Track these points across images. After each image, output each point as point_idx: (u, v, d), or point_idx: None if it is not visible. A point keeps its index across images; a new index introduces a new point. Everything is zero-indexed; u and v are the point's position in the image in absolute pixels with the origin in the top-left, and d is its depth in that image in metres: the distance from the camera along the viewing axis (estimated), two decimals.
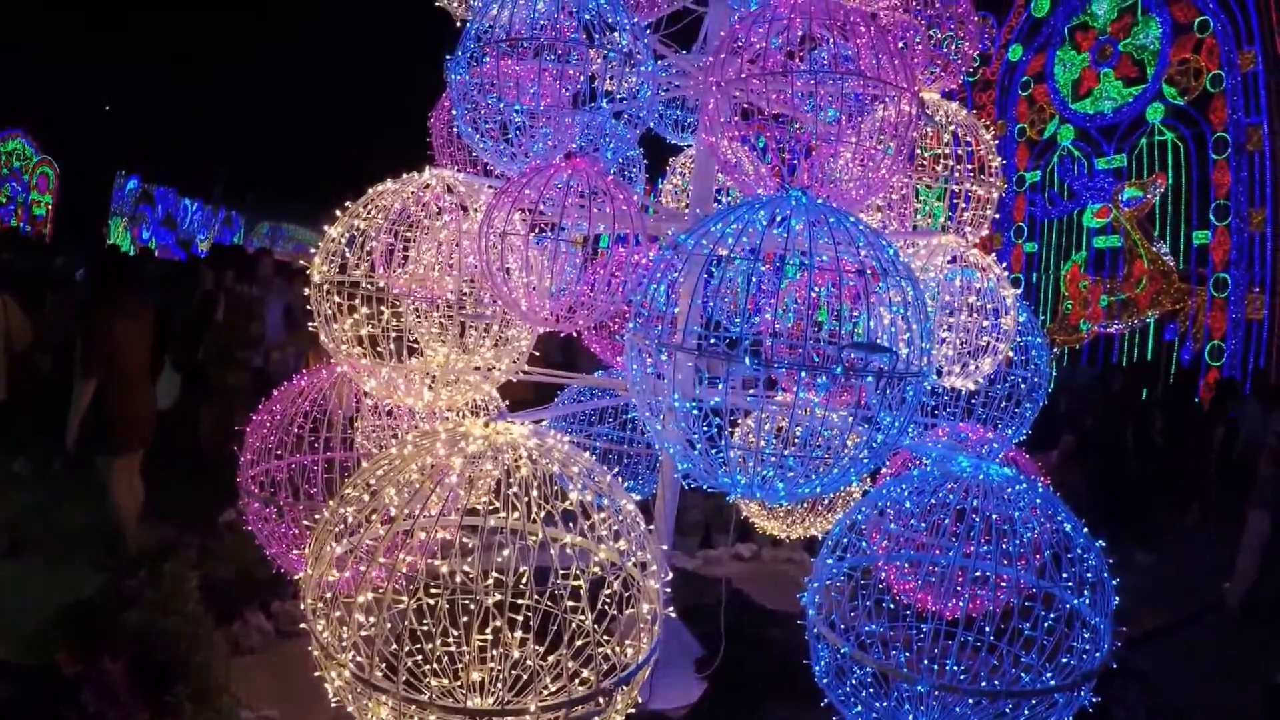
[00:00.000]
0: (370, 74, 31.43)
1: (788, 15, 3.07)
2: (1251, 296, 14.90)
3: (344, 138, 32.57)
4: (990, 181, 4.15)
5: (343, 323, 3.79)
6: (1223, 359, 15.03)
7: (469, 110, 3.35)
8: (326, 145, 33.19)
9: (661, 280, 2.71)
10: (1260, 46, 15.07)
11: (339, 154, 31.09)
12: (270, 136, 34.11)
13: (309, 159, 33.72)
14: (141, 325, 6.86)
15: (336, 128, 33.27)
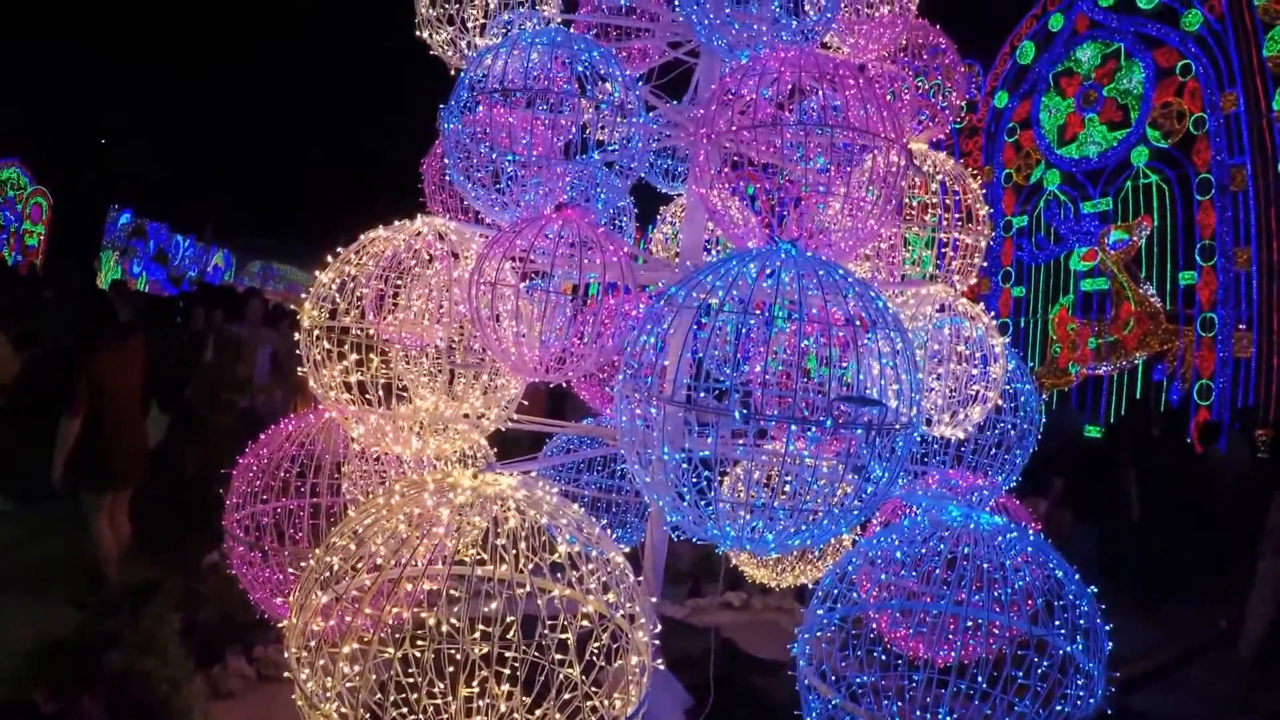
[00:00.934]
0: (365, 117, 31.75)
1: (777, 68, 3.10)
2: (1239, 335, 15.01)
3: (338, 179, 32.81)
4: (978, 230, 4.19)
5: (331, 369, 3.78)
6: (1211, 398, 15.10)
7: (461, 159, 3.36)
8: (320, 186, 33.42)
9: (651, 332, 2.71)
10: (1241, 88, 15.35)
11: (332, 195, 31.31)
12: (264, 175, 34.33)
13: (303, 199, 33.94)
14: (131, 359, 6.82)
15: (331, 169, 33.53)
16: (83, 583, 6.57)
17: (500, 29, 3.82)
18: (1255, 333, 14.74)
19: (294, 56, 32.06)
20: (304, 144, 33.14)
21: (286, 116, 32.37)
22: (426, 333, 3.57)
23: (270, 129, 32.98)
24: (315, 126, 32.93)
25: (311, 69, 32.36)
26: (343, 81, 32.81)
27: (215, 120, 32.84)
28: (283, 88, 31.95)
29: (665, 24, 4.17)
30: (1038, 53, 19.23)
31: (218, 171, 34.14)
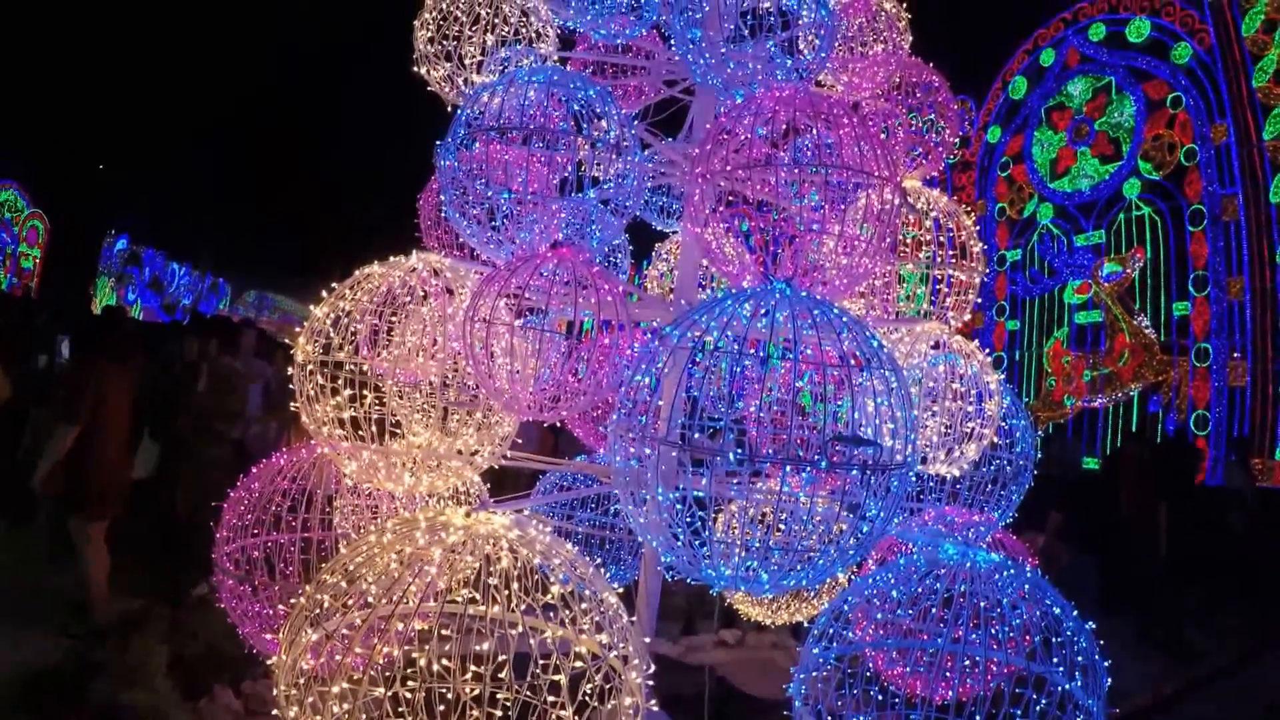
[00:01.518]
0: (363, 150, 31.94)
1: (772, 107, 3.12)
2: (1233, 364, 15.06)
3: (335, 210, 32.95)
4: (972, 266, 4.20)
5: (324, 404, 3.76)
6: (1208, 428, 15.11)
7: (457, 195, 3.37)
8: (318, 217, 33.56)
9: (646, 371, 2.70)
10: (1232, 119, 15.53)
11: (330, 226, 31.45)
12: (262, 205, 34.47)
13: (300, 229, 34.06)
14: (125, 385, 6.80)
15: (328, 200, 33.69)
16: (70, 611, 6.49)
17: (497, 66, 3.85)
18: (1250, 362, 14.79)
19: (294, 88, 32.31)
20: (302, 175, 33.33)
21: (285, 148, 32.56)
22: (420, 369, 3.56)
23: (269, 160, 33.17)
24: (313, 158, 33.14)
25: (312, 101, 32.61)
26: (342, 114, 33.05)
27: (214, 149, 33.02)
28: (282, 118, 32.18)
29: (661, 62, 4.21)
30: (1029, 88, 19.45)
31: (215, 200, 34.27)
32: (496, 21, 3.89)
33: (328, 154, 33.03)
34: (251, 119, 32.23)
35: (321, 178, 33.14)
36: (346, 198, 32.73)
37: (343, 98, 32.08)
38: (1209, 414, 15.18)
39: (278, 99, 32.16)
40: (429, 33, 3.99)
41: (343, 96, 31.81)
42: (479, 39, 3.90)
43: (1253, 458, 13.63)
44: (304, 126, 32.58)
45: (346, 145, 32.88)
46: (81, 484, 6.34)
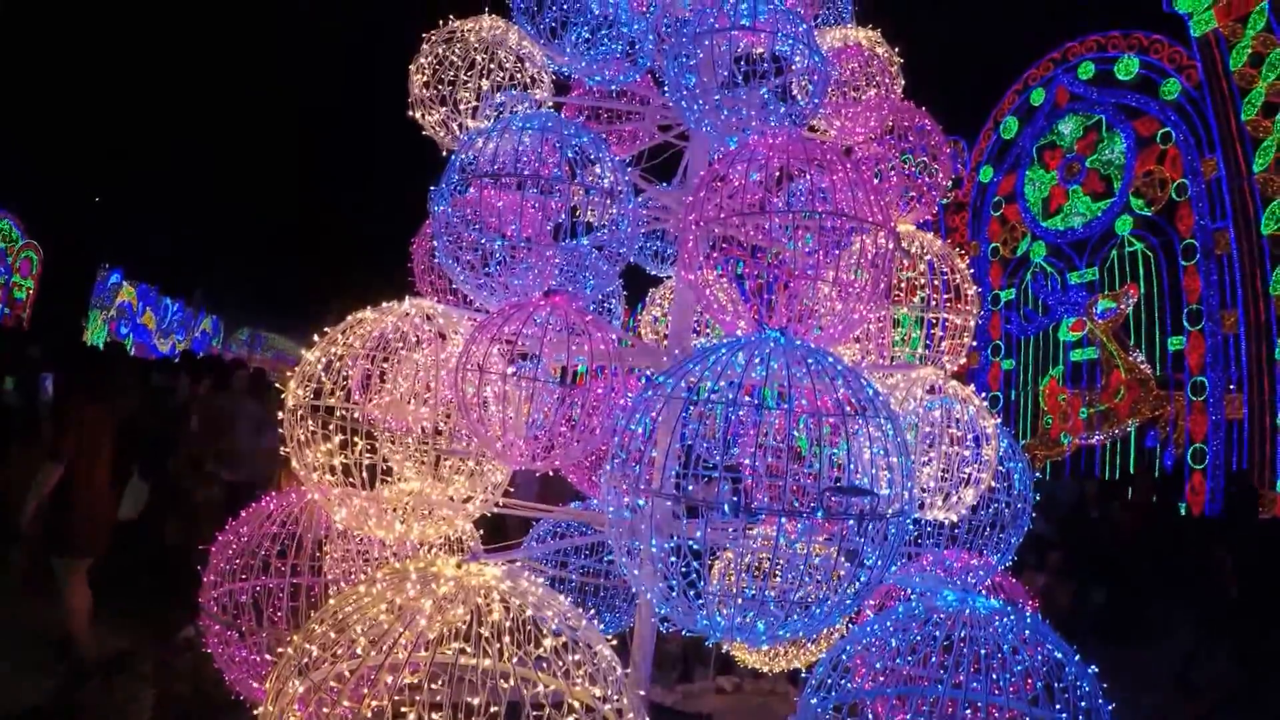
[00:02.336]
0: (359, 192, 32.20)
1: (766, 154, 3.13)
2: (1230, 397, 15.07)
3: (329, 251, 33.13)
4: (967, 310, 4.19)
5: (315, 450, 3.72)
6: (1205, 462, 15.09)
7: (450, 241, 3.36)
8: (313, 257, 33.73)
9: (640, 421, 2.67)
10: (1221, 153, 15.69)
11: (323, 267, 31.60)
12: (257, 244, 34.63)
13: (293, 270, 34.20)
14: (110, 423, 6.77)
15: (323, 241, 33.88)
16: (52, 650, 6.40)
17: (492, 111, 3.86)
18: (1246, 394, 14.80)
19: (292, 129, 32.63)
20: (298, 215, 33.56)
21: (282, 188, 32.83)
22: (412, 416, 3.53)
23: (265, 200, 33.41)
24: (310, 199, 33.40)
25: (309, 142, 32.94)
26: (338, 155, 33.37)
27: (211, 188, 33.24)
28: (279, 159, 32.47)
29: (656, 107, 4.23)
30: (1020, 127, 19.69)
31: (210, 238, 34.43)
32: (492, 67, 3.91)
33: (325, 195, 33.31)
34: (249, 159, 32.51)
35: (318, 218, 33.35)
36: (342, 238, 32.92)
37: (340, 139, 32.40)
38: (1206, 447, 15.16)
39: (276, 140, 32.47)
40: (424, 77, 4.00)
41: (340, 138, 32.14)
42: (474, 84, 3.91)
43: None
44: (302, 168, 32.87)
45: (343, 186, 33.16)
46: (65, 522, 6.29)
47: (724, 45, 3.36)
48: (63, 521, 6.26)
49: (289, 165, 32.58)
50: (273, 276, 35.90)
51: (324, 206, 33.34)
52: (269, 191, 33.08)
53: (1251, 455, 14.58)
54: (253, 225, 34.48)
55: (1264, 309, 14.78)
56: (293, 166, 32.56)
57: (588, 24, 3.75)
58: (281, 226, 34.64)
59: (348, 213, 32.39)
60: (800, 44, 3.37)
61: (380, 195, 22.32)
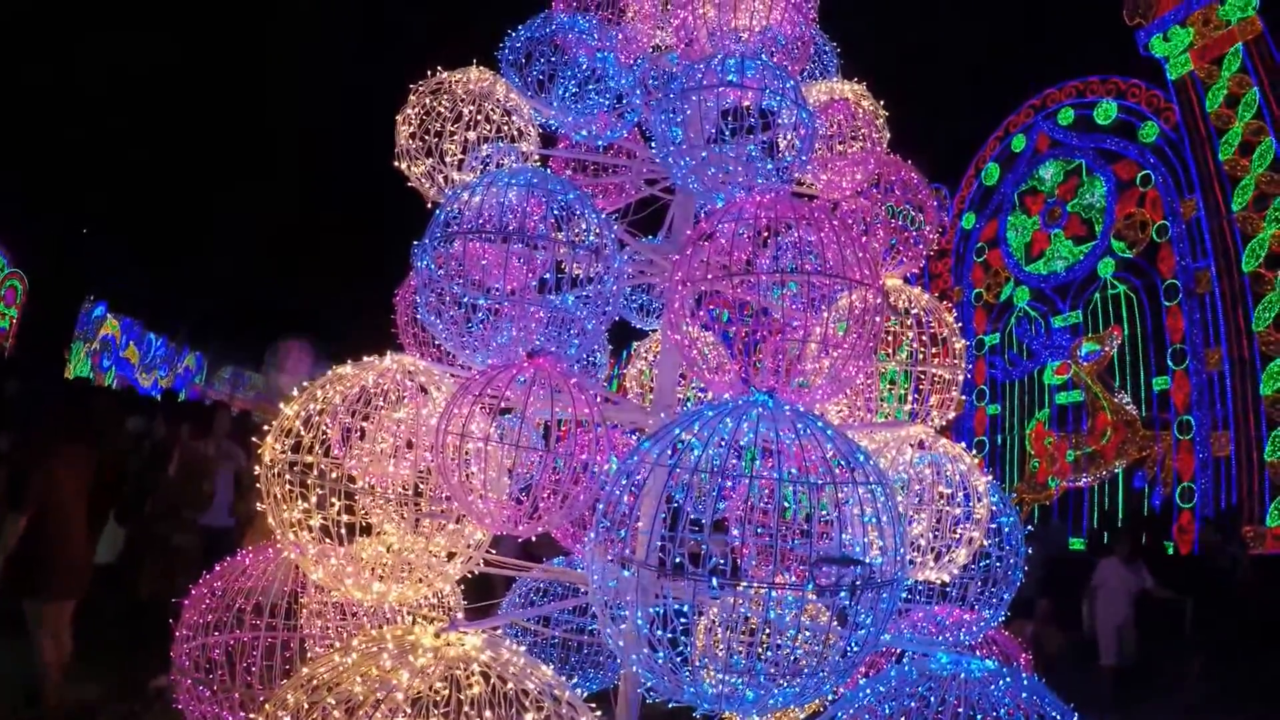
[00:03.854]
0: (347, 239, 32.26)
1: (754, 212, 3.10)
2: (1216, 435, 15.09)
3: (318, 295, 33.13)
4: (955, 364, 4.16)
5: (292, 508, 3.63)
6: (1194, 501, 15.07)
7: (433, 298, 3.30)
8: (299, 299, 33.70)
9: (624, 489, 2.60)
10: (1201, 193, 15.89)
11: (311, 309, 31.58)
12: (244, 284, 34.57)
13: (280, 310, 34.14)
14: (83, 465, 6.63)
15: (311, 284, 33.89)
16: (21, 696, 6.23)
17: (479, 164, 3.83)
18: (1233, 431, 14.83)
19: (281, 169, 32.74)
20: (286, 255, 33.60)
21: (271, 230, 32.91)
22: (393, 476, 3.45)
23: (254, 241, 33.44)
24: (299, 242, 33.47)
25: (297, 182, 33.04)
26: (327, 200, 33.50)
27: (200, 226, 33.24)
28: (268, 201, 32.56)
29: (642, 160, 4.21)
30: (1002, 173, 19.94)
31: (197, 275, 34.30)
32: (479, 119, 3.88)
33: (313, 237, 33.33)
34: (237, 198, 32.54)
35: (304, 260, 33.35)
36: (327, 281, 32.91)
37: (330, 183, 32.49)
38: (1194, 486, 15.16)
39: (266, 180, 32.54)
40: (411, 128, 3.97)
41: (330, 182, 32.23)
42: (460, 136, 3.88)
43: (1243, 526, 13.54)
44: (291, 211, 32.92)
45: (332, 231, 33.21)
46: (34, 566, 6.15)
47: (711, 101, 3.34)
48: (33, 564, 6.12)
49: (278, 207, 32.65)
50: (258, 316, 35.77)
51: (312, 250, 33.38)
52: (258, 232, 33.12)
53: (1240, 492, 14.57)
54: (240, 265, 34.43)
55: (1247, 345, 14.85)
56: (282, 208, 32.63)
57: (575, 78, 3.74)
58: (270, 267, 34.62)
59: (335, 258, 32.44)
60: (787, 101, 3.37)
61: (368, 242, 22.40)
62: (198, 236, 33.38)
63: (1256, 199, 15.03)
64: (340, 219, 32.50)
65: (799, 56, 4.06)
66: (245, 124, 31.94)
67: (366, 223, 24.42)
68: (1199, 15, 16.10)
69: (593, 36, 3.92)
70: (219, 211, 32.99)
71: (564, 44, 4.00)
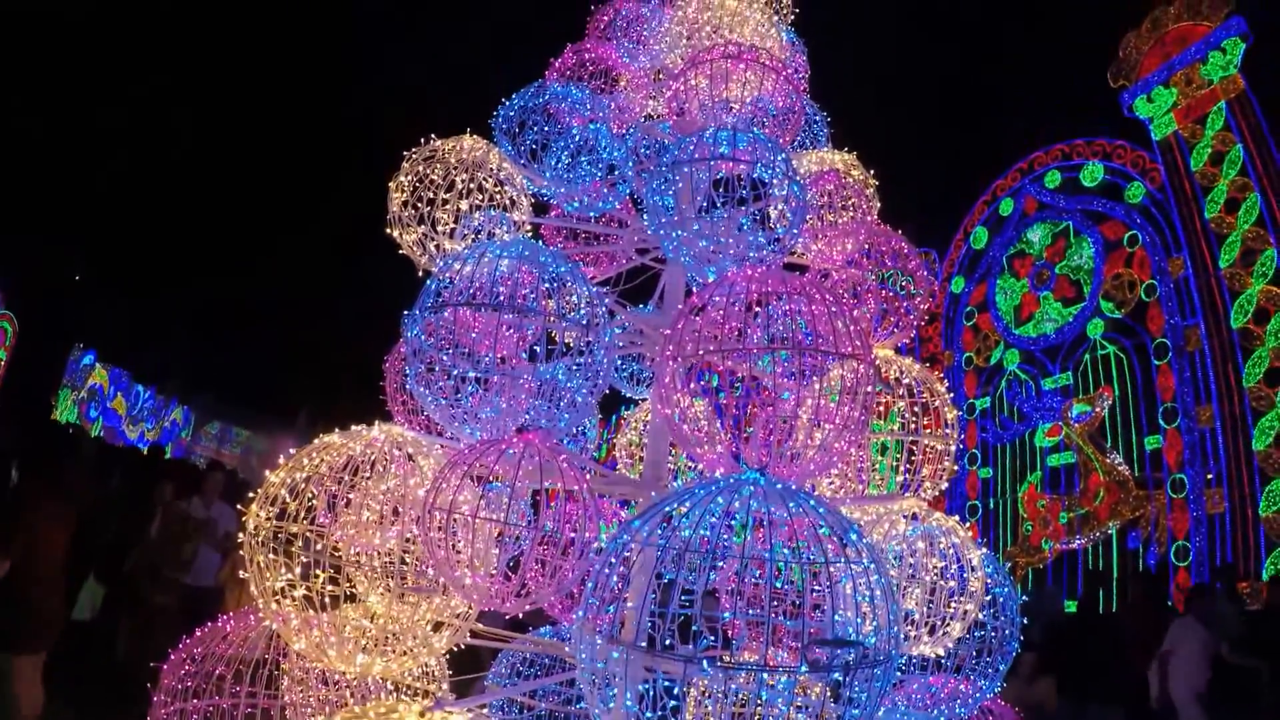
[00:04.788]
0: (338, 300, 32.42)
1: (745, 286, 3.10)
2: (1210, 493, 15.02)
3: (307, 352, 33.17)
4: (947, 434, 4.14)
5: (275, 577, 3.57)
6: (1189, 559, 14.95)
7: (422, 369, 3.28)
8: (289, 355, 33.73)
9: (613, 570, 2.56)
10: (1188, 252, 16.03)
11: (300, 368, 31.59)
12: (235, 339, 34.57)
13: (269, 368, 34.13)
14: (64, 518, 6.54)
15: (300, 343, 33.95)
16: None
17: (470, 232, 3.84)
18: (1226, 488, 14.76)
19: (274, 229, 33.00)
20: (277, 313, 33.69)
21: (265, 288, 33.05)
22: (379, 548, 3.39)
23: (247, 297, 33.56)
24: (290, 298, 33.60)
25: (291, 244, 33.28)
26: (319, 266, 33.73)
27: (193, 281, 33.33)
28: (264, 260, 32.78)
29: (633, 229, 4.23)
30: (990, 237, 20.15)
31: (189, 329, 34.28)
32: (471, 188, 3.90)
33: (307, 301, 33.47)
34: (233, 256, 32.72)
35: (296, 319, 33.42)
36: (318, 341, 32.99)
37: (322, 243, 32.71)
38: (1189, 544, 15.05)
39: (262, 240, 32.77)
40: (403, 195, 3.98)
41: (322, 242, 32.45)
42: (453, 205, 3.89)
43: (1239, 582, 13.41)
44: (286, 272, 33.08)
45: (326, 293, 33.36)
46: (7, 619, 6.03)
47: (703, 173, 3.37)
48: (8, 616, 6.01)
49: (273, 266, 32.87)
50: (247, 372, 35.68)
51: (305, 311, 33.51)
52: (252, 289, 33.27)
53: (1235, 548, 14.45)
54: (233, 321, 34.47)
55: (1239, 401, 14.85)
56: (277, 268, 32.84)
57: (568, 148, 3.77)
58: (262, 325, 34.68)
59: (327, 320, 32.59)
60: (778, 173, 3.40)
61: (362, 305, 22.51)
62: (191, 289, 33.43)
63: (1243, 254, 15.16)
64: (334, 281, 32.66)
65: (790, 127, 4.12)
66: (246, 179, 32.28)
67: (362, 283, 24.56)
68: (1181, 75, 16.43)
69: (585, 106, 3.98)
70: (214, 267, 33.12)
71: (557, 113, 4.06)
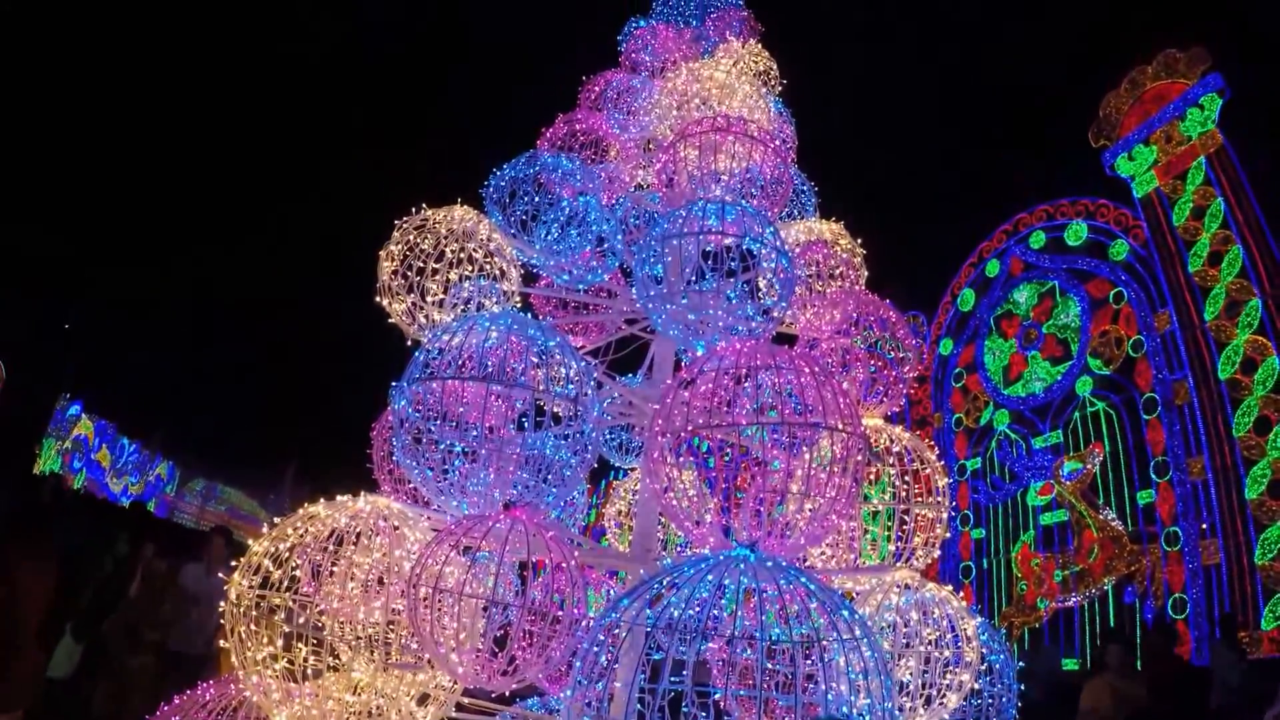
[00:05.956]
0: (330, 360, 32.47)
1: (734, 360, 3.11)
2: (1204, 544, 14.92)
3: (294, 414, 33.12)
4: (939, 502, 4.12)
5: (257, 648, 3.50)
6: (1186, 611, 14.79)
7: (409, 441, 3.26)
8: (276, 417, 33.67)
9: (601, 648, 2.51)
10: (1173, 306, 16.13)
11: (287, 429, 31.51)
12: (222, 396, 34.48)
13: (256, 427, 34.02)
14: (42, 573, 6.38)
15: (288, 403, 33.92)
16: None
17: (460, 303, 3.84)
18: (1221, 538, 14.67)
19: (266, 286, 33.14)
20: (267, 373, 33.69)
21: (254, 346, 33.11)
22: (363, 622, 3.33)
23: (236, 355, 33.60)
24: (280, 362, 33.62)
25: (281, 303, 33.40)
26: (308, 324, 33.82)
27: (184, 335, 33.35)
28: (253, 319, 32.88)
29: (623, 299, 4.24)
30: (977, 299, 20.29)
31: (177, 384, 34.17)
32: (461, 258, 3.91)
33: (295, 360, 33.50)
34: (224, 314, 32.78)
35: (287, 381, 33.40)
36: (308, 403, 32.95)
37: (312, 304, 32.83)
38: (1186, 596, 14.92)
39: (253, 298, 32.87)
40: (394, 264, 3.98)
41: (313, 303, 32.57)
42: (443, 274, 3.90)
43: (1239, 632, 13.24)
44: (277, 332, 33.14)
45: (314, 354, 33.39)
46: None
47: (691, 246, 3.40)
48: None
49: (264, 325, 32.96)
50: (234, 430, 35.50)
51: (294, 371, 33.50)
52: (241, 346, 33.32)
53: (1232, 598, 14.30)
54: (221, 378, 34.41)
55: (1229, 452, 14.79)
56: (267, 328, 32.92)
57: (558, 220, 3.79)
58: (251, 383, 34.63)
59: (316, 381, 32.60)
60: (767, 247, 3.43)
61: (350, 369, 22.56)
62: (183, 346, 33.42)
63: (1228, 306, 15.28)
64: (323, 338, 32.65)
65: (778, 198, 4.16)
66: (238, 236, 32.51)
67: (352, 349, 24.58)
68: (1161, 133, 16.75)
69: (576, 177, 4.02)
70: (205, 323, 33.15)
71: (548, 183, 4.09)
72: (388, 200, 4.50)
